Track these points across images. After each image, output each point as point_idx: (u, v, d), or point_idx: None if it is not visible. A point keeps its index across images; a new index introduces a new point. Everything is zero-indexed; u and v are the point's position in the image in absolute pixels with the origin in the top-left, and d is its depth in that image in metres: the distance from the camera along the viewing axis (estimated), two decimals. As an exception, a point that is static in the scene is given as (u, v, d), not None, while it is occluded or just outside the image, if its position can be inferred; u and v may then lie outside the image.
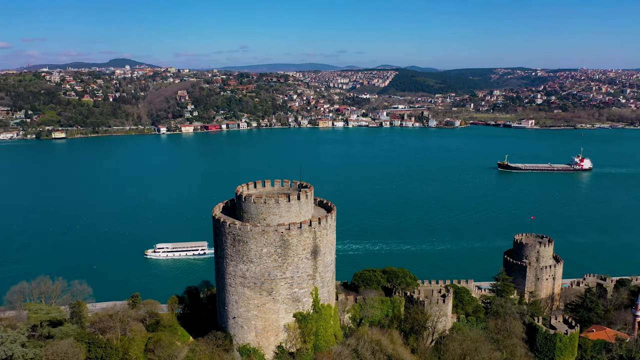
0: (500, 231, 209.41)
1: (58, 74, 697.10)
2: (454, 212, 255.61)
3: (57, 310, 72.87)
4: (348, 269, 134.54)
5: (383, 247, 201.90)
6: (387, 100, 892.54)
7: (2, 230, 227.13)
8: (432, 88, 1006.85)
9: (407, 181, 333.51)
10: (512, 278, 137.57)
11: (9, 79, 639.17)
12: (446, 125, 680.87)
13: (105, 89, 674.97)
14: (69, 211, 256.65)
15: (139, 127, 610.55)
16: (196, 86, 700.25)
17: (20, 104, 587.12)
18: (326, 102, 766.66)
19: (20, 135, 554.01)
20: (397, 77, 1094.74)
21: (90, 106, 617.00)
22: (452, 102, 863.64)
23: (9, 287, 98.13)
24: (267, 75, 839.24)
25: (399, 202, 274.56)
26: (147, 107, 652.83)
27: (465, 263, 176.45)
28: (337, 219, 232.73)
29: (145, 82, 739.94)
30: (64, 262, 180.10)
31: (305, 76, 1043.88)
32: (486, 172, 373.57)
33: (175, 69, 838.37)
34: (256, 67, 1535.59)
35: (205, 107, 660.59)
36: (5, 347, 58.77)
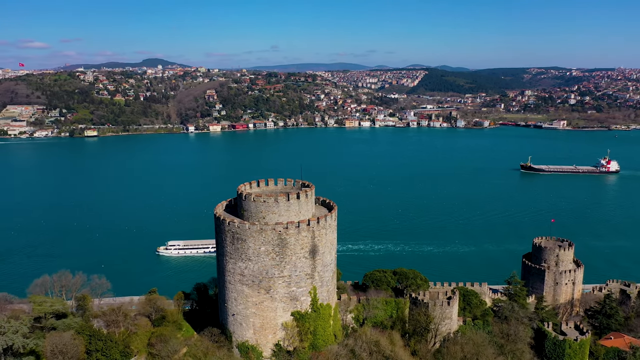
0: (520, 234, 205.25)
1: (92, 74, 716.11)
2: (472, 214, 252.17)
3: (61, 303, 75.02)
4: (357, 270, 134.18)
5: (397, 248, 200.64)
6: (415, 100, 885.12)
7: (32, 224, 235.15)
8: (462, 88, 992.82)
9: (428, 182, 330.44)
10: (531, 282, 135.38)
11: (45, 79, 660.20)
12: (475, 126, 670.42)
13: (137, 89, 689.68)
14: (92, 207, 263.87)
15: (168, 126, 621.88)
16: (224, 86, 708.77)
17: (55, 103, 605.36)
18: (353, 102, 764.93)
19: (55, 133, 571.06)
20: (426, 76, 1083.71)
21: (121, 105, 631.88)
22: (482, 102, 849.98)
23: (32, 280, 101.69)
24: (295, 75, 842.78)
25: (418, 203, 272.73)
26: (176, 106, 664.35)
27: (482, 266, 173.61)
28: (352, 219, 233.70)
29: (176, 82, 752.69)
30: (84, 256, 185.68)
31: (333, 76, 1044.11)
32: (508, 173, 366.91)
33: (205, 69, 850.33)
34: (286, 67, 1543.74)
35: (233, 107, 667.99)
36: (7, 337, 60.84)
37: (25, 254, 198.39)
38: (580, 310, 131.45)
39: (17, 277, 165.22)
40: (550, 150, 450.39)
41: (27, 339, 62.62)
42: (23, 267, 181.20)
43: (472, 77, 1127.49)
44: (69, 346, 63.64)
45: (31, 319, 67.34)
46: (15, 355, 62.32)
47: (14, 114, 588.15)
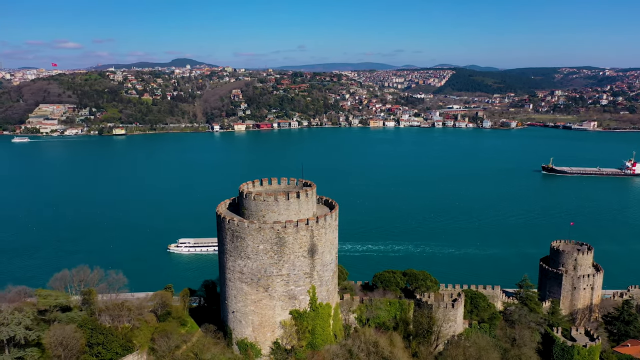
0: (538, 237, 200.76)
1: (121, 74, 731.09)
2: (490, 216, 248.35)
3: (65, 296, 77.00)
4: (367, 271, 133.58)
5: (412, 249, 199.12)
6: (442, 100, 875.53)
7: (60, 220, 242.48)
8: (490, 88, 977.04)
9: (448, 183, 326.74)
10: (548, 286, 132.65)
11: (77, 78, 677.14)
12: (501, 127, 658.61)
13: (164, 88, 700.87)
14: (113, 204, 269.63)
15: (194, 125, 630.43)
16: (250, 85, 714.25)
17: (85, 102, 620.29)
18: (378, 102, 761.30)
19: (85, 132, 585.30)
20: (453, 76, 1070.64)
21: (149, 104, 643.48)
22: (510, 102, 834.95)
23: (52, 274, 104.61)
24: (320, 75, 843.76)
25: (436, 204, 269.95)
26: (202, 105, 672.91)
27: (497, 269, 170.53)
28: (366, 219, 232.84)
29: (203, 82, 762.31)
30: (102, 252, 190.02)
31: (360, 75, 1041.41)
32: (530, 175, 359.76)
33: (231, 69, 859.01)
34: (312, 67, 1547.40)
35: (257, 106, 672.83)
36: (9, 328, 62.82)
37: (52, 249, 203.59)
38: (599, 316, 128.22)
39: (41, 271, 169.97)
40: (576, 152, 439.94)
41: (30, 331, 64.48)
42: (48, 261, 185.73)
43: (500, 77, 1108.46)
44: (69, 339, 65.27)
45: (35, 312, 69.18)
46: (17, 346, 64.19)
47: (46, 112, 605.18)
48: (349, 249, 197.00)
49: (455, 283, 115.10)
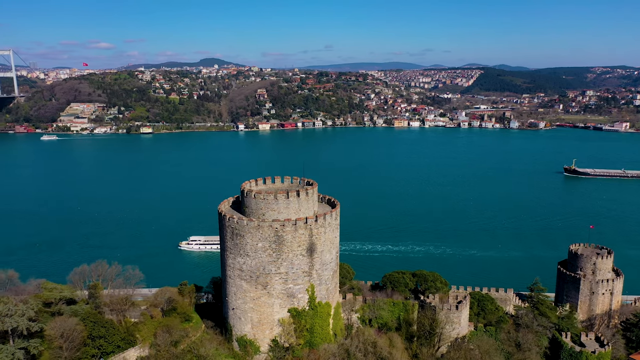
0: (557, 240, 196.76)
1: (149, 73, 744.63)
2: (508, 218, 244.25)
3: (70, 290, 79.03)
4: (377, 271, 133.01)
5: (424, 250, 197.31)
6: (469, 100, 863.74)
7: (87, 215, 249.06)
8: (520, 88, 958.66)
9: (466, 184, 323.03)
10: (565, 291, 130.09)
11: (106, 78, 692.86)
12: (529, 127, 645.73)
13: (191, 87, 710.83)
14: (131, 201, 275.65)
15: (219, 124, 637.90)
16: (275, 85, 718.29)
17: (114, 101, 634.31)
18: (404, 102, 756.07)
19: (113, 130, 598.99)
20: (482, 76, 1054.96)
21: (176, 103, 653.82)
22: (539, 102, 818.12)
23: (72, 268, 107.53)
24: (346, 74, 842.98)
25: (454, 205, 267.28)
26: (228, 104, 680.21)
27: (513, 271, 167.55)
28: (380, 219, 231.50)
29: (229, 81, 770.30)
30: (118, 247, 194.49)
31: (386, 75, 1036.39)
32: (551, 177, 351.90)
33: (257, 68, 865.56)
34: (339, 66, 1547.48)
35: (282, 106, 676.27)
36: (13, 319, 64.78)
37: (75, 244, 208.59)
38: (619, 322, 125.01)
39: (64, 265, 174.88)
40: (604, 153, 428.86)
41: (33, 322, 66.32)
42: (72, 256, 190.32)
43: (530, 77, 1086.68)
44: (70, 331, 66.99)
45: (40, 304, 71.17)
46: (21, 336, 66.18)
47: (77, 111, 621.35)
48: (359, 249, 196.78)
49: (467, 285, 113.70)
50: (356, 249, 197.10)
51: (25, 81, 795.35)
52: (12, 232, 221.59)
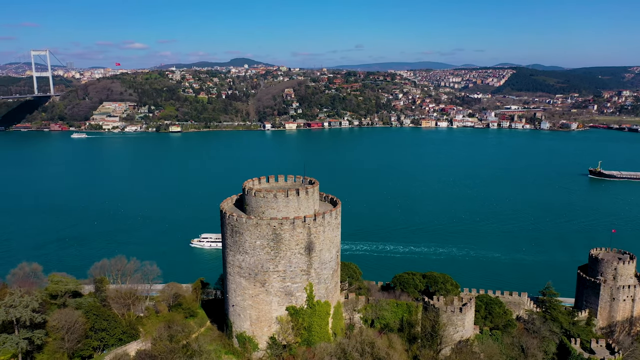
0: (578, 244, 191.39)
1: (180, 73, 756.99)
2: (527, 221, 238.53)
3: (75, 283, 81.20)
4: (388, 272, 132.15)
5: (439, 251, 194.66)
6: (500, 100, 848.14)
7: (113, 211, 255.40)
8: (553, 88, 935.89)
9: (488, 185, 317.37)
10: (585, 296, 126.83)
11: (138, 77, 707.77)
12: (561, 128, 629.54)
13: (220, 87, 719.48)
14: (151, 198, 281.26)
15: (246, 123, 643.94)
16: (302, 84, 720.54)
17: (145, 100, 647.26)
18: (432, 102, 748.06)
19: (143, 128, 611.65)
20: (513, 76, 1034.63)
21: (204, 102, 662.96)
22: (572, 103, 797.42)
23: (92, 263, 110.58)
24: (374, 74, 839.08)
25: (473, 207, 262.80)
26: (255, 104, 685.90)
27: (531, 275, 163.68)
28: (398, 220, 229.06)
29: (257, 81, 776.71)
30: (136, 243, 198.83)
31: (415, 75, 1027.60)
32: (576, 179, 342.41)
33: (286, 68, 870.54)
34: (369, 66, 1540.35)
35: (309, 105, 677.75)
36: (17, 310, 66.98)
37: (104, 240, 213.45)
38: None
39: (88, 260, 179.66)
40: (636, 155, 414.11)
41: (36, 314, 68.41)
42: (98, 250, 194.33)
43: (564, 77, 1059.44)
44: (71, 323, 68.88)
45: (44, 296, 73.37)
46: (26, 327, 68.38)
47: (109, 109, 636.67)
48: (375, 249, 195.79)
49: (479, 288, 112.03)
50: (371, 249, 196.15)
51: (62, 81, 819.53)
52: (43, 227, 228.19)
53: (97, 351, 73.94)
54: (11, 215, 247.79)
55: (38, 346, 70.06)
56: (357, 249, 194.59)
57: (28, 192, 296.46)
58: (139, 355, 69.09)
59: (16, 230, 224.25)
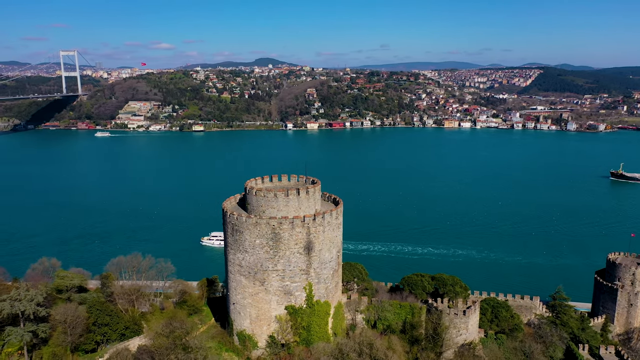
0: (596, 248, 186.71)
1: (204, 73, 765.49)
2: (544, 223, 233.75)
3: (80, 278, 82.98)
4: (399, 273, 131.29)
5: (451, 252, 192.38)
6: (526, 100, 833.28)
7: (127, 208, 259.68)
8: (581, 88, 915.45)
9: (506, 187, 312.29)
10: (601, 301, 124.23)
11: (163, 77, 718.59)
12: (588, 129, 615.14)
13: (243, 87, 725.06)
14: (167, 196, 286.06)
15: (268, 123, 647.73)
16: (325, 84, 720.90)
17: (169, 100, 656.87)
18: (456, 102, 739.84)
19: (167, 127, 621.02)
20: (540, 76, 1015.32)
21: (227, 102, 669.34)
22: (601, 103, 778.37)
23: (109, 259, 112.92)
24: (397, 74, 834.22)
25: (488, 209, 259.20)
26: (278, 104, 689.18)
27: (545, 279, 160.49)
28: (408, 221, 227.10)
29: (280, 81, 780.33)
30: (153, 241, 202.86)
31: (440, 75, 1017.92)
32: (596, 181, 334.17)
33: (309, 68, 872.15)
34: (394, 66, 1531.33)
35: (331, 105, 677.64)
36: (22, 304, 68.88)
37: (124, 236, 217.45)
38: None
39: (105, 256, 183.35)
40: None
41: (40, 307, 70.20)
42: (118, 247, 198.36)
43: (594, 77, 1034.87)
44: (73, 317, 70.44)
45: (49, 290, 75.20)
46: (30, 320, 70.23)
47: (134, 109, 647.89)
48: (385, 250, 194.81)
49: (490, 291, 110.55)
50: (384, 249, 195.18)
51: (90, 80, 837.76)
52: (67, 224, 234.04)
53: (100, 346, 75.43)
54: (37, 211, 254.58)
55: (43, 339, 71.88)
56: (369, 249, 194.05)
57: (53, 189, 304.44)
58: (140, 350, 70.16)
59: (42, 226, 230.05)
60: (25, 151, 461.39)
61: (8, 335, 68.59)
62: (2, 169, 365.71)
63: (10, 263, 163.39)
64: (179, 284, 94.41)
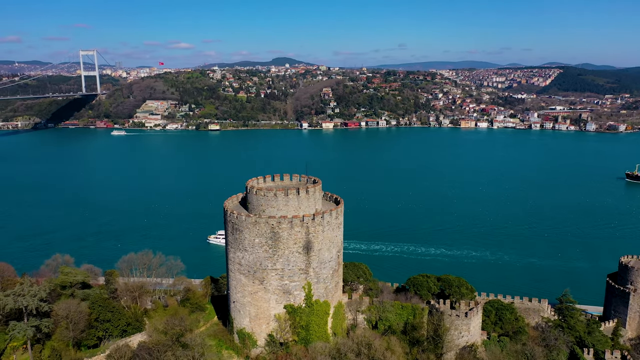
0: (608, 251, 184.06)
1: (220, 72, 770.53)
2: (555, 225, 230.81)
3: (84, 274, 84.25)
4: (405, 273, 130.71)
5: (457, 253, 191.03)
6: (545, 100, 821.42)
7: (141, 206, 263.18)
8: (602, 88, 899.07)
9: (520, 187, 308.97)
10: (613, 305, 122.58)
11: (180, 77, 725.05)
12: (607, 130, 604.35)
13: (259, 86, 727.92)
14: (177, 194, 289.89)
15: (283, 122, 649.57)
16: (341, 84, 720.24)
17: (186, 99, 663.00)
18: (473, 102, 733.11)
19: (184, 126, 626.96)
20: (560, 75, 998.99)
21: (243, 101, 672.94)
22: (623, 103, 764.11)
23: (118, 257, 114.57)
24: (414, 73, 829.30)
25: (500, 209, 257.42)
26: (293, 103, 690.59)
27: (555, 282, 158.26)
28: (419, 221, 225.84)
29: (296, 80, 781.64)
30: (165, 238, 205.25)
31: (458, 74, 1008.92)
32: (611, 182, 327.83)
33: (325, 67, 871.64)
34: (410, 65, 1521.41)
35: (346, 105, 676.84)
36: (25, 299, 70.28)
37: (139, 234, 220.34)
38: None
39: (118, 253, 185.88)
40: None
41: (43, 303, 71.55)
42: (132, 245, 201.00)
43: (616, 76, 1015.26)
44: (74, 312, 71.61)
45: (52, 286, 76.55)
46: (33, 315, 71.61)
47: (152, 108, 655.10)
48: (392, 250, 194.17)
49: (497, 293, 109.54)
50: (392, 249, 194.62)
51: (109, 79, 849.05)
52: (84, 221, 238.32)
53: (102, 341, 76.55)
54: (55, 209, 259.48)
55: (46, 334, 73.24)
56: (380, 249, 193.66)
57: (70, 187, 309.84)
58: (139, 346, 71.02)
59: (59, 223, 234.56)
60: (44, 149, 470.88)
61: (12, 330, 69.99)
62: (22, 167, 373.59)
63: (27, 259, 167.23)
64: (182, 282, 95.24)
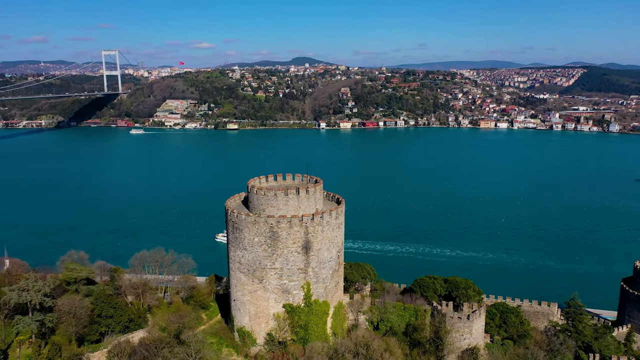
0: (622, 254, 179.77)
1: (239, 72, 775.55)
2: (569, 228, 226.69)
3: (88, 271, 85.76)
4: (409, 274, 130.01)
5: (467, 255, 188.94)
6: (568, 101, 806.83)
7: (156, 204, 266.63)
8: (628, 88, 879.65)
9: (535, 189, 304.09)
10: (627, 310, 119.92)
11: (199, 76, 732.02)
12: (632, 131, 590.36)
13: (277, 86, 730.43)
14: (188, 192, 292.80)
15: (301, 122, 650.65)
16: (359, 84, 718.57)
17: (205, 98, 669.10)
18: (493, 102, 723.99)
19: (203, 126, 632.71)
20: (584, 75, 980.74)
21: (262, 101, 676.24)
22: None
23: (132, 254, 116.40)
24: (433, 73, 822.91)
25: (513, 211, 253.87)
26: (312, 103, 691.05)
27: (567, 285, 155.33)
28: (430, 222, 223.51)
29: (315, 80, 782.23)
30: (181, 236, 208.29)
31: (479, 74, 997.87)
32: (628, 184, 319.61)
33: (344, 67, 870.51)
34: (431, 65, 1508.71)
35: (365, 104, 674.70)
36: (29, 294, 71.95)
37: (158, 232, 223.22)
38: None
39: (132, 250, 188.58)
40: None
41: (47, 298, 73.12)
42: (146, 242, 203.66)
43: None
44: (76, 308, 73.01)
45: (57, 282, 78.15)
46: (37, 310, 73.27)
47: (171, 107, 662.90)
48: (401, 250, 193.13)
49: (506, 295, 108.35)
50: (400, 250, 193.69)
51: (131, 79, 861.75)
52: (102, 218, 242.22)
53: (104, 337, 77.86)
54: (75, 205, 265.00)
55: (50, 329, 74.81)
56: (388, 249, 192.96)
57: (89, 185, 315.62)
58: (140, 342, 72.09)
59: (78, 220, 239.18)
60: (66, 147, 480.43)
61: (17, 324, 71.68)
62: (45, 165, 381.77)
63: (46, 255, 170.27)
64: (187, 280, 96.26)
